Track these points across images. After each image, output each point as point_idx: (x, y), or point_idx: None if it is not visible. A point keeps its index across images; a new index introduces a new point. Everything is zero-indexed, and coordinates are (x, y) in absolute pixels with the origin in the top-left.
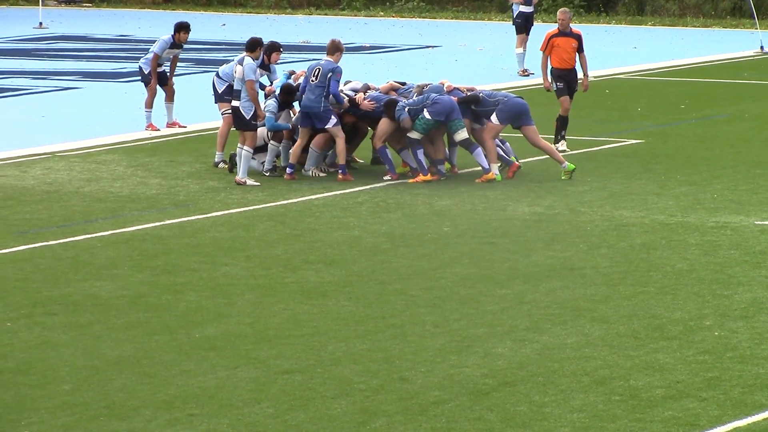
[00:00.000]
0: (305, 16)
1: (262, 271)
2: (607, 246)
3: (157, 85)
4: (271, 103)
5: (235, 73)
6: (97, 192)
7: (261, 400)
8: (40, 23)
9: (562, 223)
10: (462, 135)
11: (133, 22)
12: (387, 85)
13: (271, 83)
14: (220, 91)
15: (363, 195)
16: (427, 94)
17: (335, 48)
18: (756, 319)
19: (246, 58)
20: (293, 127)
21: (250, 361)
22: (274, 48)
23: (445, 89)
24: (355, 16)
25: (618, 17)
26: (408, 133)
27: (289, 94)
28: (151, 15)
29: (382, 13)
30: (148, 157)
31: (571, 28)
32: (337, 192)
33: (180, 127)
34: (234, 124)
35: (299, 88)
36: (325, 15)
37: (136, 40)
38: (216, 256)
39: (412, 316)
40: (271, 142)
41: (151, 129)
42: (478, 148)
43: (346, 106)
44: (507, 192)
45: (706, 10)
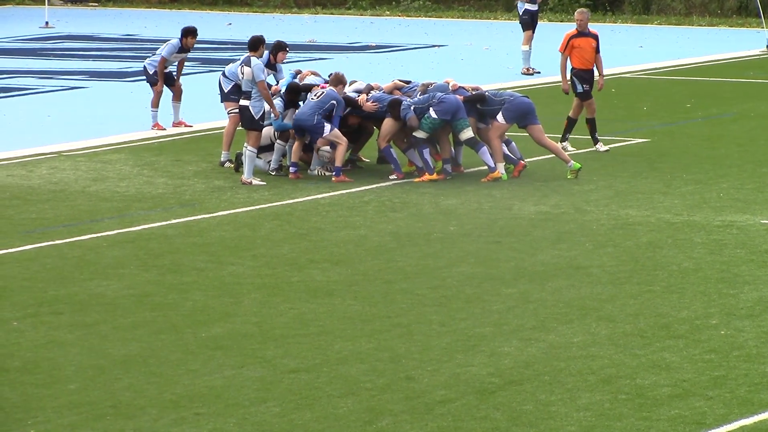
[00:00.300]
0: (311, 15)
1: (268, 270)
2: (613, 245)
3: (164, 86)
4: (277, 102)
5: (242, 74)
6: (103, 191)
7: (267, 399)
8: (46, 23)
9: (568, 222)
10: (467, 134)
11: (139, 21)
12: (391, 84)
13: (277, 83)
14: (227, 91)
15: (369, 194)
16: (433, 93)
17: (338, 81)
18: (762, 318)
19: (252, 58)
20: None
21: (256, 360)
22: (280, 47)
23: (450, 88)
24: (361, 15)
25: (624, 16)
26: (414, 133)
27: (294, 93)
28: (157, 14)
29: (388, 13)
30: (154, 156)
31: (589, 29)
32: (343, 191)
33: (186, 126)
34: (241, 123)
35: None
36: (332, 14)
37: (142, 40)
38: (222, 256)
39: (418, 315)
40: (278, 141)
41: (157, 128)
42: (484, 147)
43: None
44: (513, 191)
45: (712, 9)
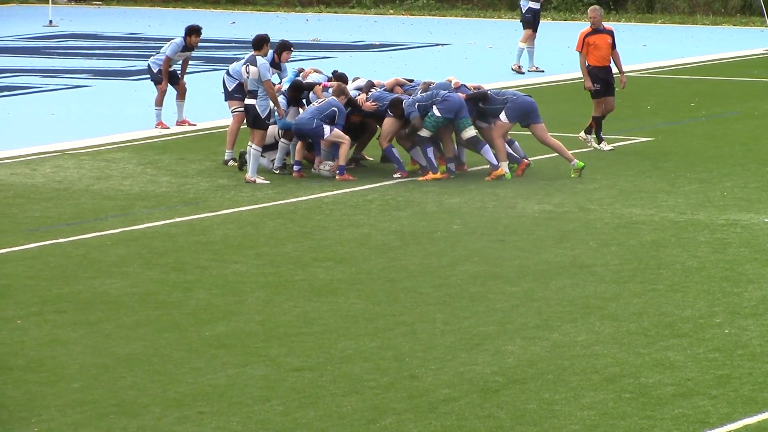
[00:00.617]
0: (315, 13)
1: (272, 268)
2: (616, 244)
3: (168, 84)
4: (280, 100)
5: (246, 73)
6: (106, 190)
7: (271, 398)
8: (50, 21)
9: (572, 220)
10: (469, 133)
11: (142, 20)
12: (392, 81)
13: (280, 81)
14: (230, 89)
15: (373, 193)
16: (436, 91)
17: (340, 92)
18: (766, 317)
19: (257, 57)
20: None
21: (260, 359)
22: (284, 47)
23: (452, 86)
24: (365, 14)
25: (627, 15)
26: (417, 131)
27: (297, 90)
28: (161, 13)
29: (391, 11)
30: (158, 155)
31: (604, 25)
32: (347, 190)
33: (190, 125)
34: (247, 122)
35: (307, 86)
36: (335, 13)
37: (146, 38)
38: (226, 254)
39: (422, 314)
40: (282, 140)
41: (161, 127)
42: (486, 145)
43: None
44: (517, 190)
45: (715, 8)
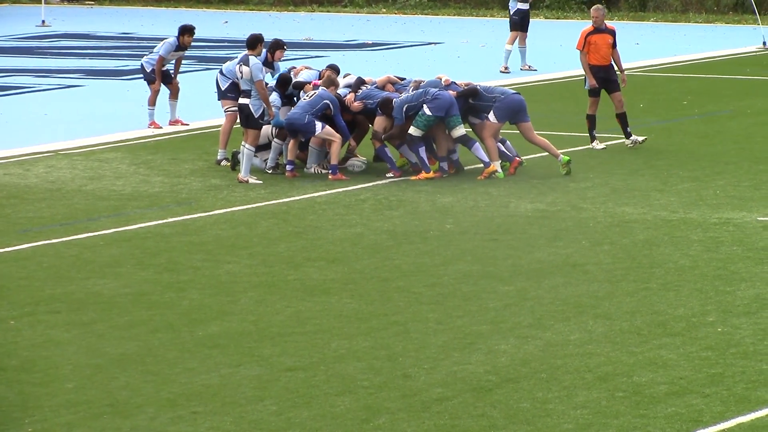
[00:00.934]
0: (308, 13)
1: (265, 268)
2: (609, 242)
3: (161, 84)
4: (273, 97)
5: (240, 73)
6: (99, 190)
7: (264, 398)
8: (43, 21)
9: (565, 219)
10: (460, 131)
11: (135, 19)
12: (384, 78)
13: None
14: (224, 89)
15: (365, 192)
16: (426, 89)
17: (330, 82)
18: (759, 315)
19: (250, 58)
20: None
21: (253, 359)
22: (278, 46)
23: (442, 83)
24: (358, 12)
25: (620, 13)
26: (409, 131)
27: (285, 84)
28: (154, 12)
29: (384, 10)
30: (151, 155)
31: (606, 24)
32: (340, 189)
33: (182, 124)
34: (240, 121)
35: (296, 85)
36: (328, 12)
37: (138, 38)
38: (218, 254)
39: (415, 314)
40: (275, 139)
41: (153, 127)
42: (477, 144)
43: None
44: (509, 189)
45: (708, 6)
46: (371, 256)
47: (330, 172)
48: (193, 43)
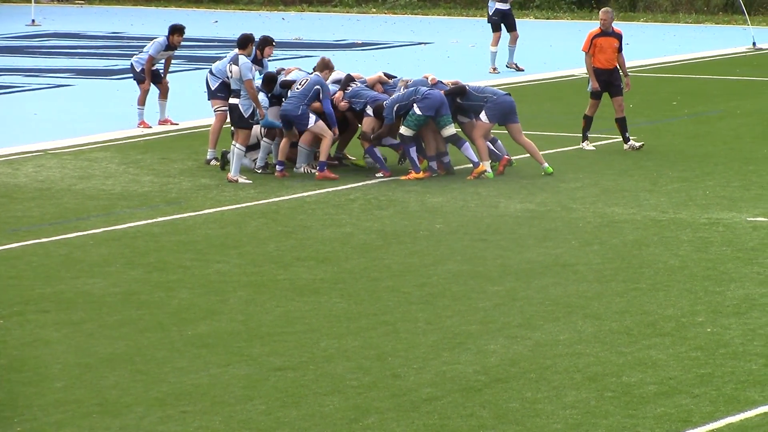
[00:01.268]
0: (297, 12)
1: (254, 268)
2: (599, 242)
3: (151, 84)
4: (261, 98)
5: (230, 72)
6: (89, 189)
7: (253, 397)
8: (33, 20)
9: (554, 219)
10: (450, 130)
11: (125, 19)
12: (375, 76)
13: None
14: (213, 88)
15: (355, 192)
16: (416, 88)
17: (324, 66)
18: (748, 316)
19: (240, 57)
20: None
21: (242, 359)
22: (266, 42)
23: (429, 82)
24: (347, 12)
25: None
26: (399, 130)
27: (270, 82)
28: (144, 12)
29: (374, 10)
30: (141, 154)
31: (613, 28)
32: (329, 189)
33: (172, 124)
34: (231, 121)
35: (283, 85)
36: (318, 12)
37: (128, 37)
38: (208, 254)
39: (404, 313)
40: (264, 139)
41: (143, 126)
42: (466, 143)
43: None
44: (499, 189)
45: (698, 6)
46: (361, 256)
47: (317, 169)
48: (182, 43)
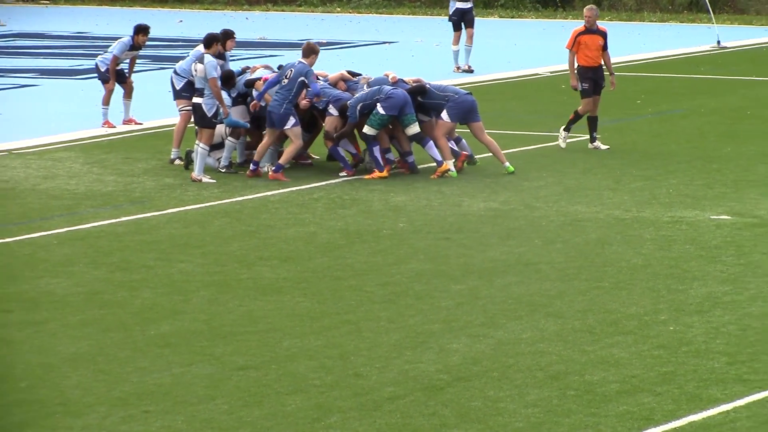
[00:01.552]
0: (262, 12)
1: (218, 267)
2: (562, 241)
3: (116, 83)
4: (224, 97)
5: (195, 71)
6: (53, 189)
7: (216, 397)
8: None
9: (518, 218)
10: (414, 129)
11: (90, 19)
12: (338, 75)
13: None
14: (178, 88)
15: (318, 191)
16: (380, 87)
17: (310, 50)
18: (711, 314)
19: (206, 56)
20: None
21: (205, 358)
22: (227, 35)
23: (389, 80)
24: (312, 12)
25: (575, 12)
26: (364, 130)
27: (228, 79)
28: (109, 12)
29: (338, 9)
30: (105, 154)
31: (598, 26)
32: (293, 188)
33: (136, 124)
34: (194, 121)
35: (268, 83)
36: (282, 11)
37: (93, 37)
38: (171, 253)
39: (367, 312)
40: (229, 138)
41: (107, 126)
42: (430, 142)
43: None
44: (462, 188)
45: (663, 5)
46: (324, 255)
47: (273, 169)
48: (147, 43)
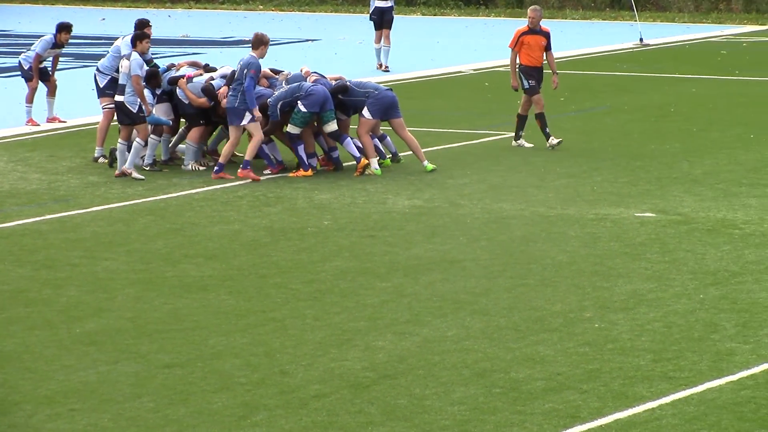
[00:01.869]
0: (185, 10)
1: (143, 265)
2: (487, 239)
3: (39, 81)
4: (147, 95)
5: (122, 67)
6: None
7: (142, 395)
8: None
9: (442, 216)
10: (332, 126)
11: (12, 17)
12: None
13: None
14: (102, 86)
15: (243, 189)
16: (299, 84)
17: (259, 41)
18: (636, 311)
19: (133, 53)
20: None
21: (130, 356)
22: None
23: (303, 75)
24: (235, 9)
25: (497, 10)
26: (287, 128)
27: (152, 78)
28: (31, 10)
29: (261, 7)
30: (29, 152)
31: (541, 26)
32: (217, 186)
33: (60, 122)
34: (119, 120)
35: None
36: (205, 9)
37: (16, 35)
38: (96, 251)
39: (292, 310)
40: (152, 136)
41: (31, 124)
42: (348, 138)
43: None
44: (387, 185)
45: (585, 3)
46: (249, 253)
47: (241, 167)
48: (70, 41)
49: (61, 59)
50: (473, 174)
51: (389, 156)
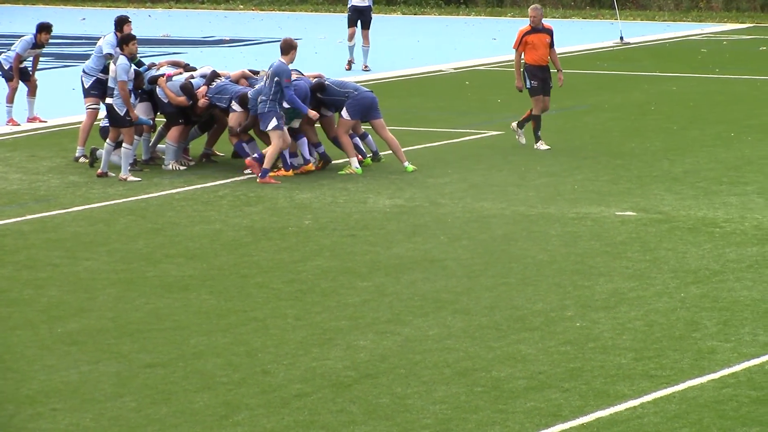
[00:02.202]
0: (165, 9)
1: (124, 265)
2: (467, 238)
3: (20, 81)
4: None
5: (111, 71)
6: None
7: (123, 395)
8: None
9: (423, 215)
10: (295, 124)
11: None
12: (239, 72)
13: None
14: (87, 86)
15: (224, 188)
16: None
17: (288, 47)
18: (617, 310)
19: (120, 57)
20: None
21: (112, 356)
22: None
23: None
24: (215, 9)
25: (477, 9)
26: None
27: (135, 77)
28: (11, 10)
29: (241, 7)
30: (9, 152)
31: (543, 24)
32: (198, 186)
33: (41, 122)
34: (110, 122)
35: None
36: (185, 8)
37: None
38: (77, 251)
39: (273, 310)
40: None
41: (11, 124)
42: (303, 138)
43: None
44: (367, 185)
45: (565, 1)
46: (230, 253)
47: (260, 176)
48: (51, 41)
49: (41, 59)
50: (454, 173)
51: (370, 155)
